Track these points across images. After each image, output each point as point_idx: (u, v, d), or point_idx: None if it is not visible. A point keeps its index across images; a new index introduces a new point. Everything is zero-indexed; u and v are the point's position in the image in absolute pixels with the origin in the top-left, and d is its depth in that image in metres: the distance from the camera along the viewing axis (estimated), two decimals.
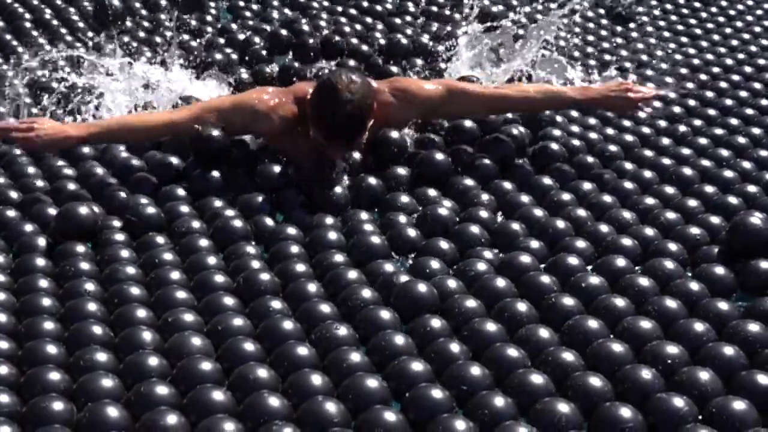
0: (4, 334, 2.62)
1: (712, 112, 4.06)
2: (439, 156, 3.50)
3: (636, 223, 3.22)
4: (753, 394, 2.44)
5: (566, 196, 3.39)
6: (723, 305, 2.78)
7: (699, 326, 2.68)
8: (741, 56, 4.66)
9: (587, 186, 3.46)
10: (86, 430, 2.30)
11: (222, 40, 4.77)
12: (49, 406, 2.34)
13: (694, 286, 2.87)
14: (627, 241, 3.09)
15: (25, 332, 2.64)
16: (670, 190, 3.43)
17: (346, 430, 2.33)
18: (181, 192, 3.34)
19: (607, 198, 3.38)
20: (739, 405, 2.39)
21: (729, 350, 2.58)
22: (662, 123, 3.95)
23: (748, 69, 4.50)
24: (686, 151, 3.72)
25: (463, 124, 3.73)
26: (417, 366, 2.51)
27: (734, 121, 3.96)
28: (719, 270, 2.95)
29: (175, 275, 2.92)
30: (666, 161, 3.64)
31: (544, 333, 2.65)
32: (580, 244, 3.10)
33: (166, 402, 2.38)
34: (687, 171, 3.53)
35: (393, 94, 3.55)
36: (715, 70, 4.51)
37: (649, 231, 3.16)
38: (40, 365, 2.49)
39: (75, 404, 2.39)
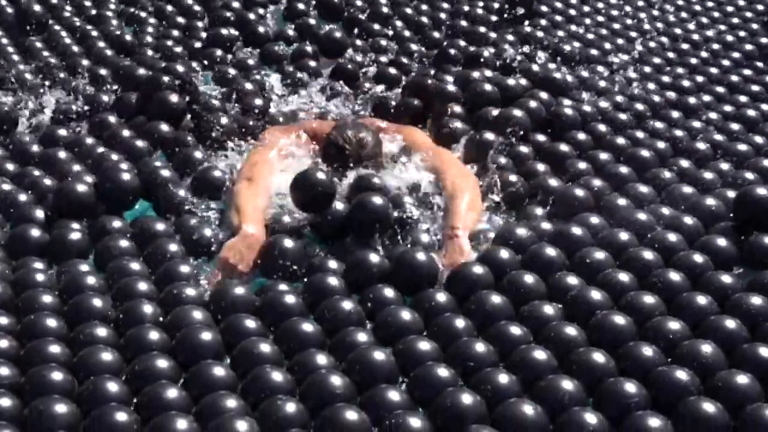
0: (2, 309, 2.60)
1: (720, 89, 4.04)
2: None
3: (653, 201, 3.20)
4: (755, 367, 2.42)
5: (582, 165, 3.38)
6: (726, 278, 2.76)
7: (701, 299, 2.66)
8: (742, 34, 4.65)
9: (604, 156, 3.44)
10: (87, 402, 2.27)
11: None
12: (49, 377, 2.31)
13: (698, 258, 2.84)
14: (642, 216, 3.06)
15: (24, 307, 2.61)
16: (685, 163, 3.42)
17: (349, 404, 2.31)
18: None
19: (624, 169, 3.36)
20: (742, 379, 2.38)
21: (731, 323, 2.57)
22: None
23: (749, 47, 4.48)
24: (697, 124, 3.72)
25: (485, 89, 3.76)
26: (424, 345, 2.49)
27: (743, 98, 3.95)
28: (722, 242, 2.92)
29: (174, 247, 2.89)
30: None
31: (548, 309, 2.63)
32: (593, 219, 3.07)
33: (167, 376, 2.36)
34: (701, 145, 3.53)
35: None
36: (715, 47, 4.49)
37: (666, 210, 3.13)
38: (40, 338, 2.46)
39: (75, 378, 2.36)
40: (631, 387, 2.34)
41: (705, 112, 3.82)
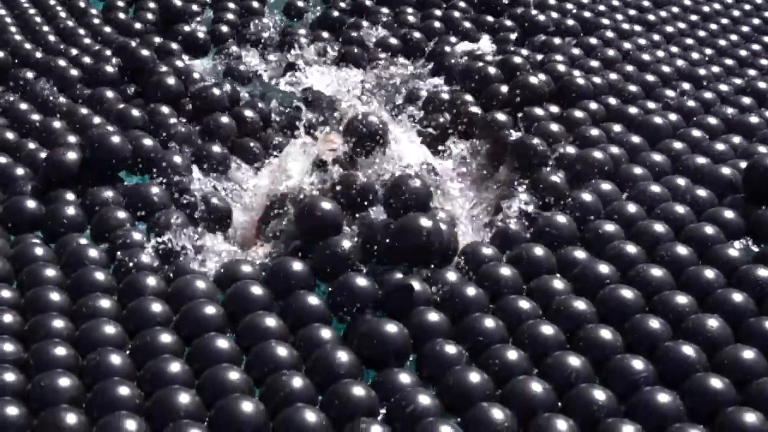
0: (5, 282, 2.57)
1: (729, 61, 3.99)
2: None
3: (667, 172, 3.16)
4: (763, 342, 2.40)
5: (595, 132, 3.33)
6: (732, 251, 2.73)
7: (709, 273, 2.64)
8: (747, 7, 4.57)
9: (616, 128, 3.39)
10: (90, 376, 2.25)
11: None
12: (53, 352, 2.29)
13: (709, 230, 2.81)
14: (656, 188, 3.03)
15: (27, 281, 2.58)
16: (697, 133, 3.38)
17: (358, 381, 2.28)
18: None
19: (636, 139, 3.32)
20: (748, 354, 2.36)
21: (738, 297, 2.54)
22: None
23: (756, 21, 4.42)
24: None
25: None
26: (434, 317, 2.47)
27: (751, 72, 3.89)
28: (729, 214, 2.89)
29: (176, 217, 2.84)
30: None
31: (558, 284, 2.61)
32: (605, 186, 3.04)
33: (170, 350, 2.34)
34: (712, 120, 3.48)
35: None
36: (724, 21, 4.43)
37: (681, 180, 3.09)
38: (43, 313, 2.44)
39: (78, 352, 2.34)
40: (638, 363, 2.31)
41: (715, 85, 3.76)
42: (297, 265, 2.62)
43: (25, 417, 2.13)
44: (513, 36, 4.11)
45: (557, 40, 4.01)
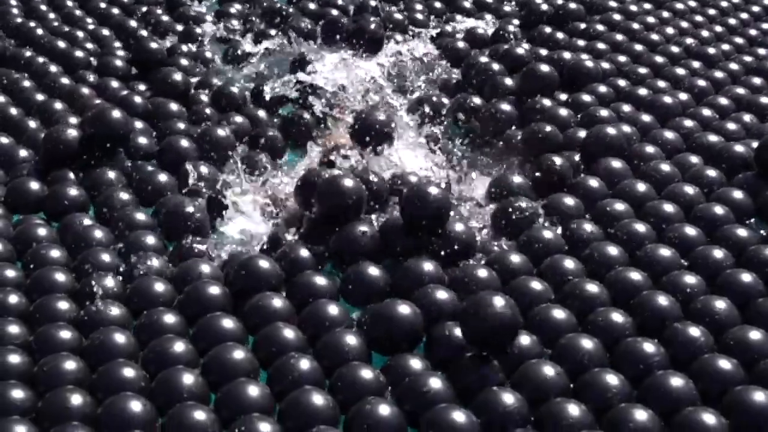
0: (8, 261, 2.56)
1: (739, 40, 3.95)
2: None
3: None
4: None
5: (604, 112, 3.29)
6: (741, 231, 2.70)
7: (718, 253, 2.62)
8: None
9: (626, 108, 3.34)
10: (93, 356, 2.24)
11: None
12: (58, 335, 2.28)
13: (719, 210, 2.79)
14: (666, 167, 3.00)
15: (32, 260, 2.57)
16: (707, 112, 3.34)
17: (366, 364, 2.26)
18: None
19: (646, 117, 3.28)
20: (755, 334, 2.33)
21: (746, 277, 2.52)
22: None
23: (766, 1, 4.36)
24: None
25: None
26: (443, 294, 2.43)
27: (761, 51, 3.84)
28: (738, 194, 2.87)
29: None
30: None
31: (569, 263, 2.58)
32: (616, 163, 3.01)
33: (173, 330, 2.33)
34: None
35: None
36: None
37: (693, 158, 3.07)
38: (48, 294, 2.42)
39: (82, 333, 2.32)
40: (649, 347, 2.29)
41: (726, 64, 3.72)
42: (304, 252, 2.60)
43: (30, 399, 2.12)
44: (515, 22, 4.05)
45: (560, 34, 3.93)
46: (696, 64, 3.69)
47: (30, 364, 2.23)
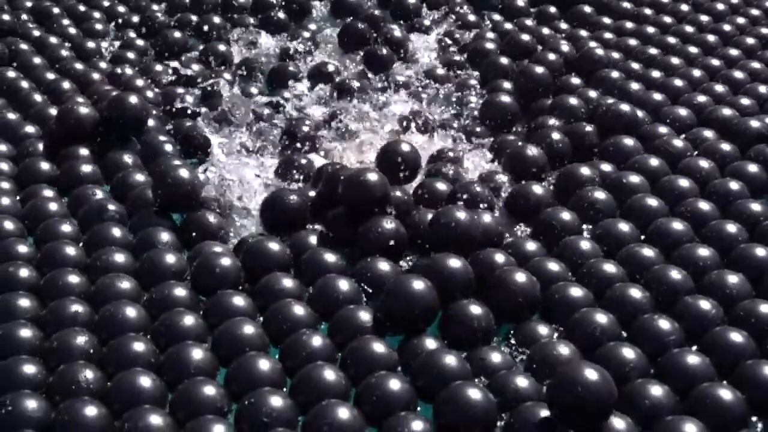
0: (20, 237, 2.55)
1: (755, 11, 3.87)
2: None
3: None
4: None
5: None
6: (755, 205, 2.67)
7: (731, 227, 2.59)
8: None
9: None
10: (104, 330, 2.23)
11: None
12: (69, 308, 2.27)
13: (734, 185, 2.76)
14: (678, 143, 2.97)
15: (41, 236, 2.57)
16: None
17: (378, 338, 2.24)
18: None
19: (658, 96, 3.24)
20: (765, 308, 2.31)
21: (761, 251, 2.49)
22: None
23: None
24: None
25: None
26: (454, 263, 2.41)
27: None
28: (753, 168, 2.84)
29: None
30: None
31: (585, 245, 2.55)
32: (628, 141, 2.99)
33: (185, 304, 2.32)
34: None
35: None
36: None
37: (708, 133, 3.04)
38: (59, 268, 2.41)
39: (94, 306, 2.32)
40: (665, 324, 2.27)
41: (741, 39, 3.65)
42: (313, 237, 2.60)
43: (41, 373, 2.12)
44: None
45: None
46: (711, 38, 3.64)
47: (41, 338, 2.22)
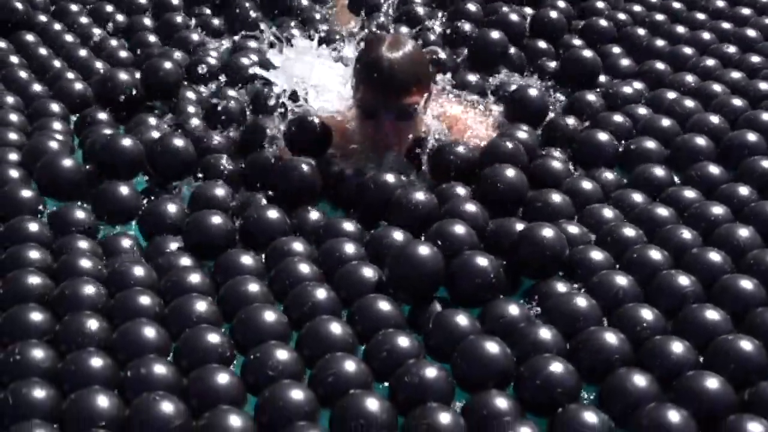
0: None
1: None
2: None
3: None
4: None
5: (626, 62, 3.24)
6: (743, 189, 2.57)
7: (743, 189, 2.55)
8: None
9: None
10: (118, 314, 2.15)
11: None
12: (81, 292, 2.19)
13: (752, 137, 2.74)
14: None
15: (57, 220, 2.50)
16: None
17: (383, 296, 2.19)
18: None
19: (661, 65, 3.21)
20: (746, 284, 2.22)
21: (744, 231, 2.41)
22: None
23: None
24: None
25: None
26: (459, 229, 2.37)
27: None
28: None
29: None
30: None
31: (608, 212, 2.51)
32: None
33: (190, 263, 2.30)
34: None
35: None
36: None
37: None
38: (72, 253, 2.35)
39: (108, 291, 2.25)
40: (684, 280, 2.22)
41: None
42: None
43: (48, 322, 2.09)
44: None
45: None
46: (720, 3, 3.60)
47: (50, 287, 2.20)
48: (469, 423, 1.89)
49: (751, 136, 2.74)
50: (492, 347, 2.03)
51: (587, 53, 3.22)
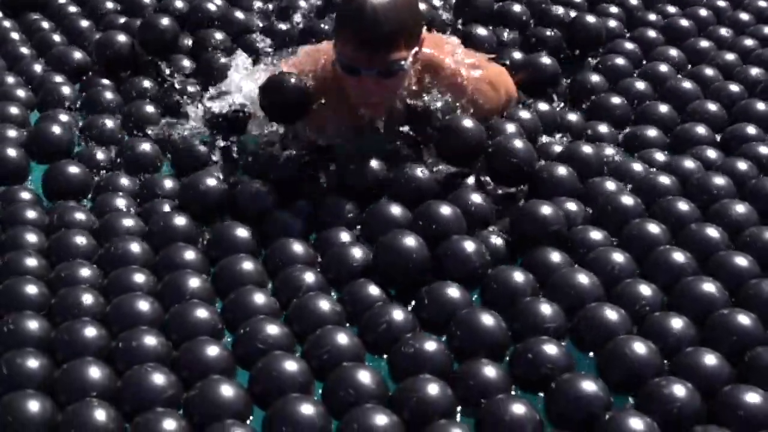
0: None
1: None
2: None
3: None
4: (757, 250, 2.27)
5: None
6: (741, 164, 2.56)
7: (742, 165, 2.54)
8: None
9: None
10: (112, 291, 2.15)
11: None
12: (77, 272, 2.20)
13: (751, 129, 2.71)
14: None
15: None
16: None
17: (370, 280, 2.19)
18: None
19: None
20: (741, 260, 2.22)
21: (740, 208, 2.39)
22: None
23: None
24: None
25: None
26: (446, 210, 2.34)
27: None
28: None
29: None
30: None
31: (610, 185, 2.48)
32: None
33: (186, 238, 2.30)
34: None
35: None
36: None
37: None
38: (68, 229, 2.35)
39: (98, 242, 2.30)
40: (680, 256, 2.21)
41: None
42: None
43: (43, 295, 2.11)
44: None
45: None
46: None
47: (47, 268, 2.21)
48: (457, 393, 1.88)
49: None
50: (487, 319, 2.03)
51: (591, 19, 3.17)
